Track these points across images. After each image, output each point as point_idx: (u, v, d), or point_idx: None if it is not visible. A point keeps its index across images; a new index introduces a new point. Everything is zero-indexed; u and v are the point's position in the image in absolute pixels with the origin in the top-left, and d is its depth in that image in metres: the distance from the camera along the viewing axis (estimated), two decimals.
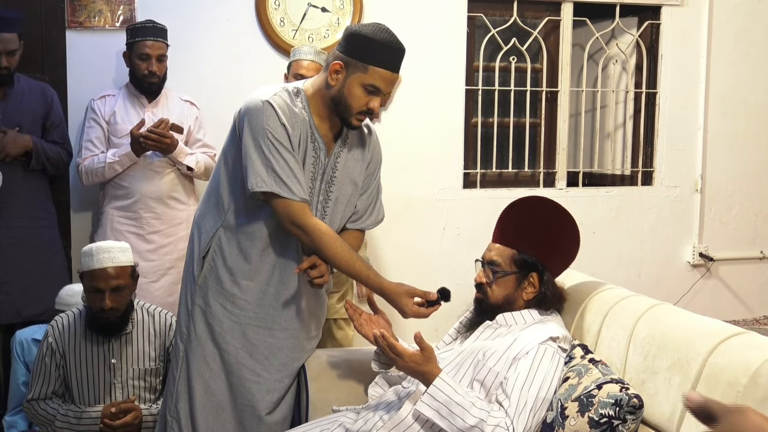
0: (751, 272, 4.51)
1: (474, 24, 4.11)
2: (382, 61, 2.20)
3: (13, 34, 3.18)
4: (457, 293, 2.32)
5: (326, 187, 2.36)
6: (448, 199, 4.07)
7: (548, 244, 2.25)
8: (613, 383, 1.94)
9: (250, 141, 2.23)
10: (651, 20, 4.32)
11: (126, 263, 2.64)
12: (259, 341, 2.38)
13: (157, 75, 3.37)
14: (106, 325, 2.64)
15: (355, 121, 2.29)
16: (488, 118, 4.19)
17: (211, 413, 2.39)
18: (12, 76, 3.25)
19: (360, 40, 2.20)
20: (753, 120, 4.46)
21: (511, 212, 2.31)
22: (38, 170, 3.31)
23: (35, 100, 3.33)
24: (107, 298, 2.58)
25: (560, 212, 2.29)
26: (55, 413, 2.63)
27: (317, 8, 3.76)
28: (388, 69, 2.21)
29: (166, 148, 3.31)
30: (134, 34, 3.36)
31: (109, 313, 2.61)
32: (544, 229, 2.26)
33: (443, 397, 1.95)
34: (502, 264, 2.23)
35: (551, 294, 2.25)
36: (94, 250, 2.62)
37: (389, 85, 2.25)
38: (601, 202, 4.27)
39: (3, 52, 3.16)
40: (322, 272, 2.26)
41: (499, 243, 2.27)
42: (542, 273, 2.23)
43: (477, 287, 2.29)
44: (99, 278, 2.59)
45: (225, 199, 2.36)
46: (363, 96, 2.23)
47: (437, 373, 1.99)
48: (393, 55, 2.21)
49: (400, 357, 2.03)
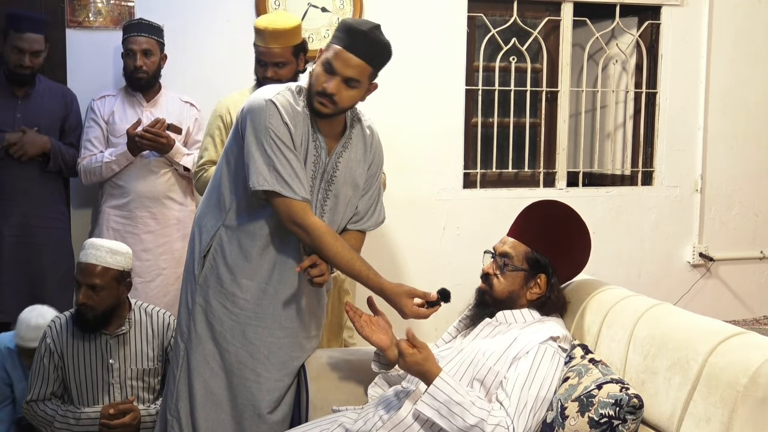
0: (751, 272, 4.51)
1: (474, 24, 4.10)
2: (341, 39, 2.21)
3: (39, 35, 3.22)
4: (458, 293, 2.32)
5: (326, 186, 2.36)
6: (448, 199, 4.07)
7: (562, 250, 2.27)
8: (613, 383, 1.94)
9: (252, 139, 2.24)
10: (651, 20, 4.32)
11: (112, 265, 2.63)
12: (259, 340, 2.38)
13: (144, 70, 3.37)
14: (84, 321, 2.64)
15: (317, 104, 2.25)
16: (488, 118, 4.19)
17: (212, 412, 2.39)
18: (34, 76, 3.29)
19: (337, 28, 2.26)
20: (753, 120, 4.46)
21: (532, 211, 2.33)
22: (54, 172, 3.34)
23: (55, 102, 3.38)
24: (81, 293, 2.60)
25: (579, 221, 2.31)
26: (54, 414, 2.63)
27: (317, 8, 3.75)
28: (343, 47, 2.20)
29: (162, 148, 3.32)
30: (124, 32, 3.40)
31: (83, 309, 2.62)
32: (561, 234, 2.28)
33: (443, 396, 1.95)
34: (515, 258, 2.24)
35: (555, 299, 2.25)
36: (87, 244, 2.67)
37: (342, 64, 2.20)
38: (601, 202, 4.27)
39: (28, 51, 3.21)
40: (323, 271, 2.26)
41: (514, 238, 2.28)
42: (550, 276, 2.24)
43: (483, 277, 2.30)
44: (82, 271, 2.62)
45: (226, 198, 2.37)
46: (322, 75, 2.23)
47: (437, 372, 1.99)
48: (352, 35, 2.20)
49: (401, 356, 2.03)
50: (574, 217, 2.31)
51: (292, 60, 3.08)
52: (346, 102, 2.26)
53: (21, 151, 3.23)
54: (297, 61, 3.10)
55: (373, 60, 2.23)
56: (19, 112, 3.30)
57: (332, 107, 2.25)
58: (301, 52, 3.12)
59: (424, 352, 2.01)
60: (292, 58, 3.08)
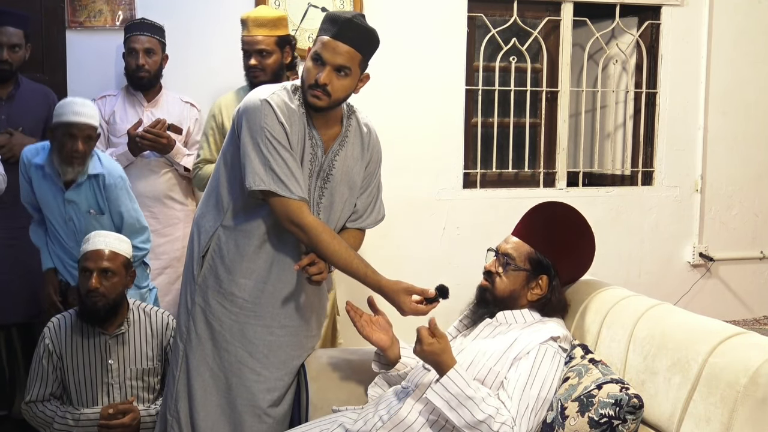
0: (751, 272, 4.51)
1: (474, 24, 4.11)
2: (327, 30, 2.23)
3: (17, 30, 3.21)
4: (458, 293, 2.32)
5: (322, 183, 2.36)
6: (448, 199, 4.07)
7: (566, 252, 2.27)
8: (613, 383, 1.94)
9: (248, 139, 2.24)
10: (651, 20, 4.32)
11: (121, 251, 2.65)
12: (258, 339, 2.38)
13: (146, 69, 3.38)
14: (94, 312, 2.61)
15: (311, 98, 2.26)
16: (488, 118, 4.19)
17: (211, 412, 2.39)
18: (15, 74, 3.27)
19: (322, 21, 2.28)
20: (753, 120, 4.46)
21: (537, 212, 2.33)
22: None
23: (39, 103, 3.36)
24: (93, 278, 2.58)
25: (584, 225, 2.32)
26: (53, 415, 2.63)
27: (317, 8, 3.75)
28: (330, 36, 2.21)
29: (163, 149, 3.33)
30: (126, 31, 3.41)
31: (95, 296, 2.59)
32: (566, 236, 2.29)
33: (455, 389, 1.95)
34: (517, 258, 2.24)
35: (556, 301, 2.25)
36: (92, 235, 2.68)
37: (331, 53, 2.21)
38: (601, 202, 4.27)
39: (5, 44, 3.20)
40: (321, 269, 2.27)
41: (518, 238, 2.28)
42: (552, 278, 2.24)
43: (485, 275, 2.30)
44: (90, 258, 2.61)
45: (224, 198, 2.37)
46: (312, 68, 2.24)
47: (452, 364, 1.99)
48: (338, 24, 2.21)
49: (419, 342, 2.02)
50: (580, 220, 2.32)
51: (276, 50, 3.21)
52: (339, 92, 2.25)
53: (9, 153, 3.19)
54: (282, 53, 3.22)
55: (361, 46, 2.23)
56: (3, 114, 3.28)
57: (326, 99, 2.25)
58: (287, 44, 3.24)
59: (444, 343, 2.01)
60: (276, 48, 3.21)
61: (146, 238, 3.07)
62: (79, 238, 2.87)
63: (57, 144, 2.90)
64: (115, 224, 3.00)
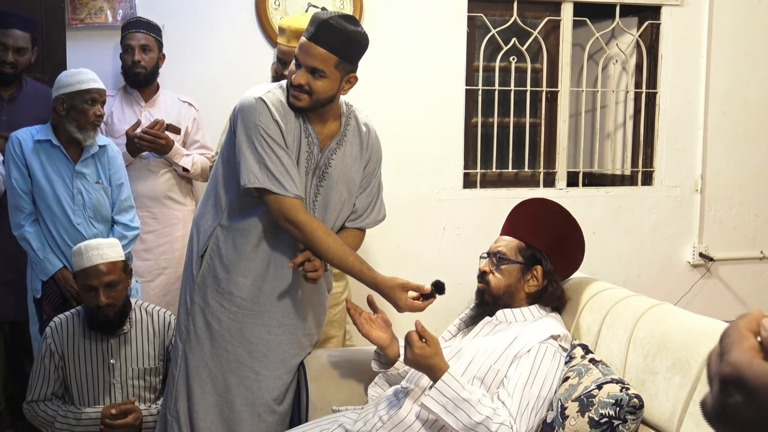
0: (751, 272, 4.51)
1: (474, 24, 4.10)
2: (307, 31, 2.24)
3: (24, 33, 3.21)
4: (457, 293, 2.32)
5: (317, 181, 2.37)
6: (448, 199, 4.07)
7: (555, 241, 2.30)
8: (614, 383, 1.94)
9: (243, 138, 2.25)
10: (651, 20, 4.32)
11: (116, 258, 2.64)
12: (256, 339, 2.38)
13: (142, 65, 3.38)
14: (106, 323, 2.63)
15: (291, 98, 2.28)
16: (488, 118, 4.19)
17: (211, 412, 2.39)
18: (19, 75, 3.27)
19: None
20: (753, 120, 4.46)
21: (521, 207, 2.38)
22: None
23: (41, 104, 3.34)
24: (102, 295, 2.58)
25: (567, 216, 2.34)
26: (55, 414, 2.63)
27: (317, 8, 3.75)
28: (307, 38, 2.22)
29: (161, 149, 3.32)
30: (123, 30, 3.42)
31: (106, 309, 2.61)
32: (552, 227, 2.32)
33: (451, 392, 1.94)
34: (508, 253, 2.27)
35: (553, 290, 2.26)
36: (83, 249, 2.62)
37: (304, 55, 2.22)
38: (601, 202, 4.27)
39: (12, 47, 3.19)
40: (316, 267, 2.27)
41: (507, 235, 2.32)
42: (547, 267, 2.25)
43: (480, 277, 2.30)
44: (91, 276, 2.60)
45: (222, 198, 2.38)
46: (293, 69, 2.27)
47: (445, 368, 1.98)
48: (316, 25, 2.22)
49: (409, 347, 1.99)
50: (563, 213, 2.35)
51: None
52: (320, 93, 2.25)
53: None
54: None
55: (337, 49, 2.21)
56: (4, 115, 3.27)
57: (306, 99, 2.25)
58: None
59: (434, 346, 1.99)
60: None
61: (135, 215, 3.16)
62: (87, 213, 2.97)
63: (76, 113, 2.95)
64: (112, 199, 3.09)
